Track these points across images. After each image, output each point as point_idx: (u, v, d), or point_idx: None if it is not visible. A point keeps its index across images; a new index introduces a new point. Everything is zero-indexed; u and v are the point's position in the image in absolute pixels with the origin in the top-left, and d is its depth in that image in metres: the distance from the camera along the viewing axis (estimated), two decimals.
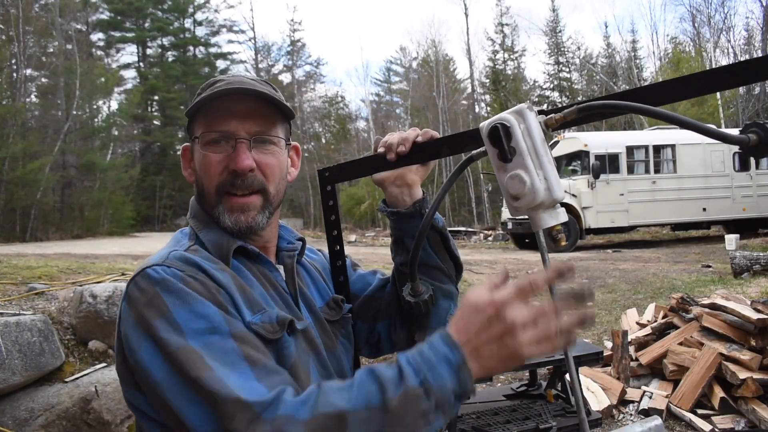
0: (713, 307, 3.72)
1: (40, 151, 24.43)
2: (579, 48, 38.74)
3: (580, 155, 13.75)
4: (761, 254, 7.43)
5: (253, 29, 54.76)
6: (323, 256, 1.26)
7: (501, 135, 0.80)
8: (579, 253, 12.29)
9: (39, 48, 27.19)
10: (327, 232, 1.19)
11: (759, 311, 3.50)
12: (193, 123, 1.03)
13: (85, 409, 3.45)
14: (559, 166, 14.44)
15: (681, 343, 3.75)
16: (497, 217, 25.99)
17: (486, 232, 21.96)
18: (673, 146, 13.94)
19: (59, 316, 4.12)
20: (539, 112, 0.83)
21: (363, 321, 1.19)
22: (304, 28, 77.72)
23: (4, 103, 23.11)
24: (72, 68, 26.57)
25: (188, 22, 44.63)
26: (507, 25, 39.53)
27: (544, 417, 2.57)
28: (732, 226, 14.22)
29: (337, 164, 1.17)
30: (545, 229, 0.85)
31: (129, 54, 43.58)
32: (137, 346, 0.83)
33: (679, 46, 32.83)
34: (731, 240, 11.10)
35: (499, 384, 3.98)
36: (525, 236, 14.51)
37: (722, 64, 27.68)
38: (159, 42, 43.99)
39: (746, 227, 14.31)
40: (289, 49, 44.92)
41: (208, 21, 44.83)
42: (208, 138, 0.99)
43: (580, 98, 35.36)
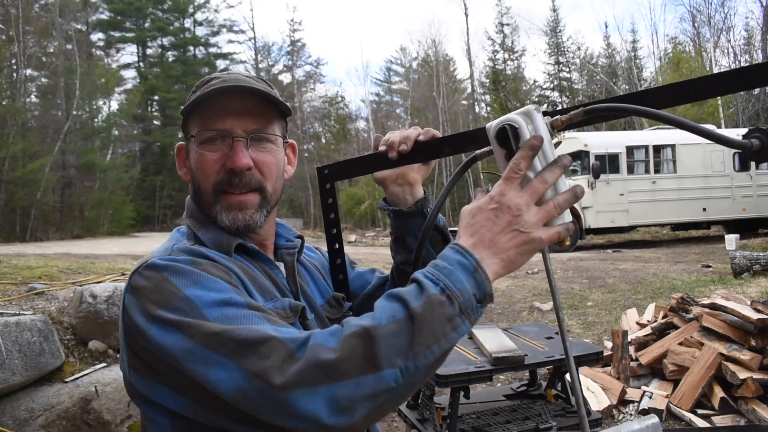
0: (713, 307, 3.72)
1: (40, 151, 24.44)
2: (579, 48, 38.74)
3: (580, 155, 13.75)
4: (761, 254, 7.44)
5: (253, 29, 54.81)
6: (321, 255, 1.26)
7: (509, 136, 0.81)
8: (579, 253, 12.29)
9: (39, 48, 27.19)
10: (326, 231, 1.19)
11: (759, 311, 3.51)
12: (188, 121, 1.02)
13: (85, 409, 3.44)
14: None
15: (681, 343, 3.75)
16: None
17: None
18: (673, 146, 13.94)
19: (59, 316, 4.12)
20: (544, 114, 0.83)
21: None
22: (304, 28, 77.72)
23: (4, 103, 23.12)
24: (72, 68, 26.57)
25: (188, 22, 44.64)
26: (507, 25, 39.56)
27: (544, 417, 2.57)
28: (732, 226, 14.22)
29: (337, 162, 1.17)
30: None
31: (129, 54, 43.62)
32: (146, 328, 0.80)
33: (679, 46, 32.82)
34: (731, 240, 11.10)
35: (499, 384, 3.98)
36: None
37: (722, 64, 27.75)
38: (159, 42, 43.99)
39: (746, 227, 14.31)
40: (289, 49, 44.95)
41: (208, 21, 44.88)
42: (205, 136, 0.98)
43: (581, 98, 35.45)
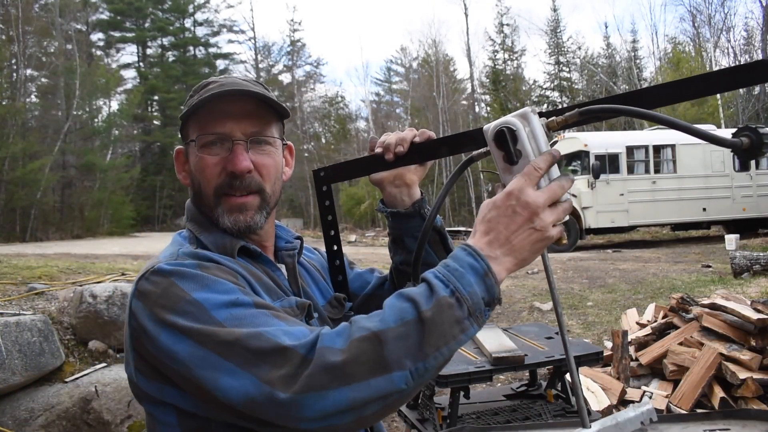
0: (713, 307, 3.72)
1: (40, 151, 24.45)
2: (579, 48, 38.71)
3: (580, 155, 13.75)
4: (761, 254, 7.44)
5: (253, 29, 54.80)
6: (320, 255, 1.27)
7: (507, 138, 0.81)
8: (579, 253, 12.29)
9: (39, 48, 27.20)
10: (324, 232, 1.20)
11: (759, 311, 3.50)
12: (187, 126, 1.03)
13: (85, 409, 3.45)
14: (559, 166, 14.47)
15: (681, 343, 3.75)
16: None
17: None
18: (673, 146, 13.93)
19: (59, 316, 4.12)
20: (540, 114, 0.84)
21: None
22: (304, 28, 77.77)
23: (4, 103, 23.14)
24: (72, 68, 26.57)
25: (188, 22, 44.66)
26: (507, 25, 39.53)
27: (544, 417, 2.57)
28: (732, 226, 14.21)
29: (333, 164, 1.17)
30: None
31: (129, 54, 43.64)
32: (156, 334, 0.81)
33: (678, 46, 32.80)
34: (731, 240, 11.10)
35: (499, 384, 3.98)
36: None
37: (722, 64, 27.76)
38: (159, 42, 43.99)
39: (746, 227, 14.30)
40: (289, 49, 44.95)
41: (208, 21, 44.89)
42: (205, 140, 0.98)
43: (581, 98, 35.43)
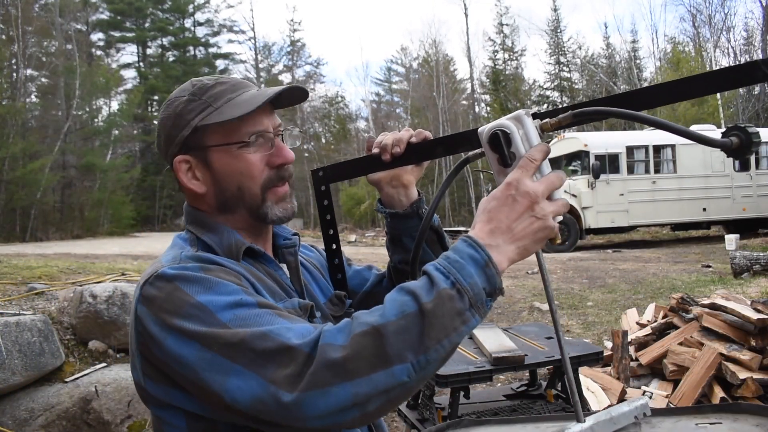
0: (713, 307, 3.72)
1: (40, 151, 24.46)
2: (580, 47, 38.70)
3: (580, 155, 13.76)
4: (761, 254, 7.44)
5: (253, 29, 54.76)
6: (318, 253, 1.28)
7: (501, 141, 0.82)
8: (579, 253, 12.29)
9: (39, 48, 27.20)
10: (323, 232, 1.21)
11: (759, 311, 3.50)
12: (203, 132, 0.99)
13: (85, 409, 3.45)
14: (559, 166, 14.55)
15: (681, 343, 3.75)
16: None
17: None
18: (673, 146, 13.93)
19: (59, 316, 4.12)
20: (534, 116, 0.85)
21: None
22: (304, 28, 77.78)
23: (4, 103, 23.14)
24: (72, 68, 26.58)
25: (188, 22, 44.68)
26: (507, 25, 39.53)
27: None
28: (732, 226, 14.21)
29: (331, 164, 1.19)
30: None
31: (129, 54, 43.62)
32: (162, 338, 0.81)
33: (678, 45, 32.79)
34: (731, 240, 11.10)
35: (499, 384, 3.98)
36: None
37: (722, 64, 27.76)
38: (159, 42, 44.02)
39: (746, 227, 14.31)
40: (289, 50, 44.96)
41: (208, 21, 44.88)
42: (245, 140, 0.98)
43: (581, 98, 35.43)
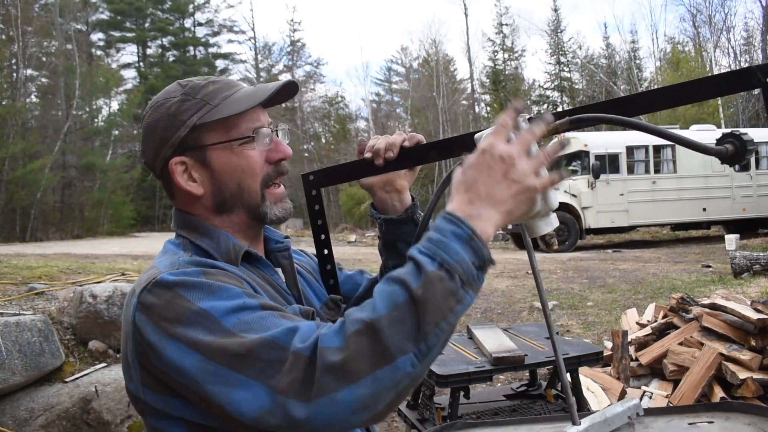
0: (713, 307, 3.72)
1: (40, 151, 24.45)
2: (580, 47, 38.70)
3: (580, 155, 13.75)
4: (761, 254, 7.44)
5: (253, 29, 54.67)
6: (309, 257, 1.26)
7: None
8: (579, 253, 12.30)
9: (39, 48, 27.20)
10: (315, 237, 1.20)
11: (759, 311, 3.50)
12: (200, 131, 0.96)
13: (85, 409, 3.45)
14: (559, 166, 14.52)
15: (681, 343, 3.75)
16: None
17: None
18: (673, 146, 13.90)
19: (59, 316, 4.12)
20: (530, 120, 0.84)
21: None
22: (304, 28, 77.71)
23: (4, 103, 23.14)
24: (72, 68, 26.58)
25: (188, 22, 44.68)
26: (506, 25, 39.53)
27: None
28: (732, 226, 14.21)
29: (323, 169, 1.18)
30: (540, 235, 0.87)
31: (129, 54, 43.59)
32: (162, 348, 0.79)
33: (678, 45, 32.78)
34: (731, 240, 11.10)
35: (499, 384, 3.98)
36: None
37: (722, 64, 27.75)
38: (159, 42, 44.02)
39: (746, 227, 14.30)
40: (289, 50, 44.95)
41: (209, 21, 44.90)
42: (246, 135, 0.97)
43: (581, 98, 35.43)
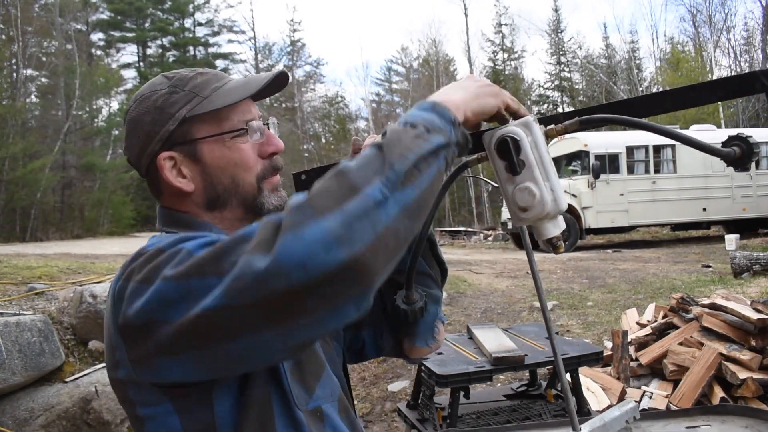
0: (713, 307, 3.72)
1: (40, 151, 24.45)
2: (580, 47, 38.71)
3: (580, 155, 13.75)
4: (761, 254, 7.44)
5: (253, 29, 54.57)
6: None
7: (511, 148, 0.80)
8: (579, 253, 12.29)
9: (39, 48, 27.21)
10: None
11: (759, 311, 3.50)
12: (190, 124, 0.93)
13: (85, 409, 3.45)
14: (559, 166, 14.54)
15: (681, 343, 3.75)
16: (497, 217, 25.96)
17: (486, 232, 21.89)
18: (673, 146, 13.91)
19: (59, 316, 4.12)
20: (539, 121, 0.84)
21: (346, 329, 1.13)
22: (304, 28, 77.63)
23: (4, 103, 23.14)
24: (72, 68, 26.58)
25: (188, 22, 44.67)
26: (506, 25, 39.55)
27: (544, 417, 2.57)
28: (732, 226, 14.21)
29: (315, 168, 1.14)
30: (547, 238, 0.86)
31: (129, 54, 43.58)
32: (130, 311, 0.72)
33: (678, 45, 32.79)
34: (731, 240, 11.10)
35: (499, 384, 3.98)
36: None
37: (722, 64, 27.76)
38: (159, 42, 44.02)
39: (746, 227, 14.30)
40: (289, 49, 44.93)
41: (209, 21, 44.90)
42: (239, 128, 0.94)
43: (581, 98, 35.44)
